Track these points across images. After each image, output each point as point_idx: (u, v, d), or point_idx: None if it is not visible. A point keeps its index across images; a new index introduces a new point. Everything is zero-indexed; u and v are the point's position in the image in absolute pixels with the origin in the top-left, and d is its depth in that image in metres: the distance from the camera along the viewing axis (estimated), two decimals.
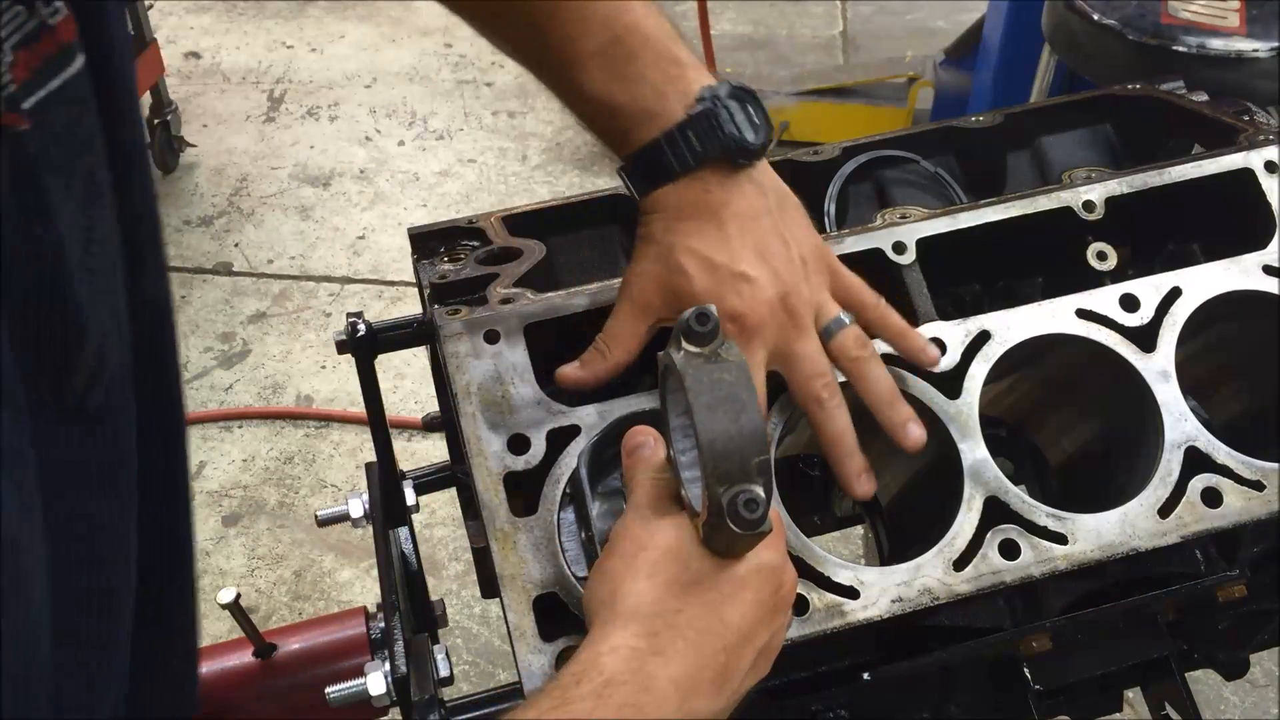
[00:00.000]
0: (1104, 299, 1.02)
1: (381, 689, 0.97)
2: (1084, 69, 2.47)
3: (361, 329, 1.05)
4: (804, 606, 0.89)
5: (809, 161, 1.21)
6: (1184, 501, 0.95)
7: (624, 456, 0.85)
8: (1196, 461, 0.97)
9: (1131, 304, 1.02)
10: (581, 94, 0.94)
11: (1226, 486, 0.96)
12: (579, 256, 1.17)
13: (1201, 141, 1.21)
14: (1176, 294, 1.02)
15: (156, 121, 3.69)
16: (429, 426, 1.24)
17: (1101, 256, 1.07)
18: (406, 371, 3.04)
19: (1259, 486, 0.96)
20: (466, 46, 4.41)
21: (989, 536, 0.93)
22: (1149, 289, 1.03)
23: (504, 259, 1.06)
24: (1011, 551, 0.92)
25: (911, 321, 1.00)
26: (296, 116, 4.11)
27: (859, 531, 1.63)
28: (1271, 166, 1.09)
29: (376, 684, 0.97)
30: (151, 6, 3.75)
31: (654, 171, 0.92)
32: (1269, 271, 1.04)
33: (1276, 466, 0.97)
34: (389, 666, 0.97)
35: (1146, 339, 1.00)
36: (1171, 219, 1.12)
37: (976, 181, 1.25)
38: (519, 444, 0.93)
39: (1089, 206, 1.07)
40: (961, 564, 0.92)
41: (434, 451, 2.82)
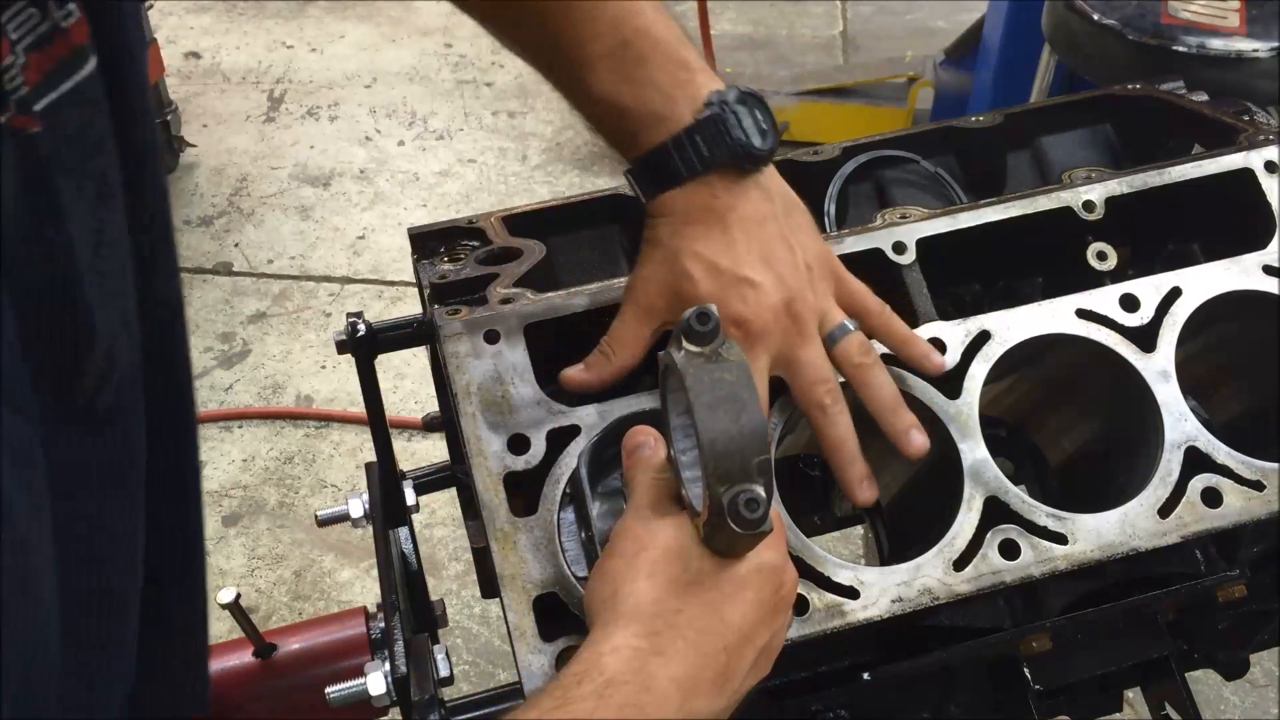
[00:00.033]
0: (1104, 299, 1.02)
1: (381, 689, 0.97)
2: (1084, 69, 2.47)
3: (361, 329, 1.05)
4: (804, 606, 0.89)
5: (809, 161, 1.21)
6: (1184, 501, 0.95)
7: (624, 456, 0.85)
8: (1196, 461, 0.97)
9: (1131, 304, 1.02)
10: (590, 96, 0.94)
11: (1226, 486, 0.96)
12: (579, 256, 1.17)
13: (1201, 141, 1.21)
14: (1176, 294, 1.02)
15: (156, 122, 3.69)
16: (429, 426, 1.24)
17: (1101, 256, 1.07)
18: (406, 371, 3.04)
19: (1259, 486, 0.96)
20: (466, 46, 4.41)
21: (989, 536, 0.93)
22: (1149, 289, 1.03)
23: (504, 259, 1.06)
24: (1011, 551, 0.92)
25: (911, 322, 1.00)
26: (296, 116, 4.11)
27: (859, 531, 1.63)
28: (1271, 166, 1.09)
29: (376, 684, 0.97)
30: (151, 6, 3.74)
31: (661, 175, 0.93)
32: (1269, 271, 1.04)
33: (1276, 466, 0.97)
34: (389, 666, 0.97)
35: (1146, 339, 1.01)
36: (1171, 219, 1.12)
37: (976, 181, 1.25)
38: (519, 444, 0.93)
39: (1089, 206, 1.07)
40: (961, 564, 0.92)
41: (434, 451, 2.82)
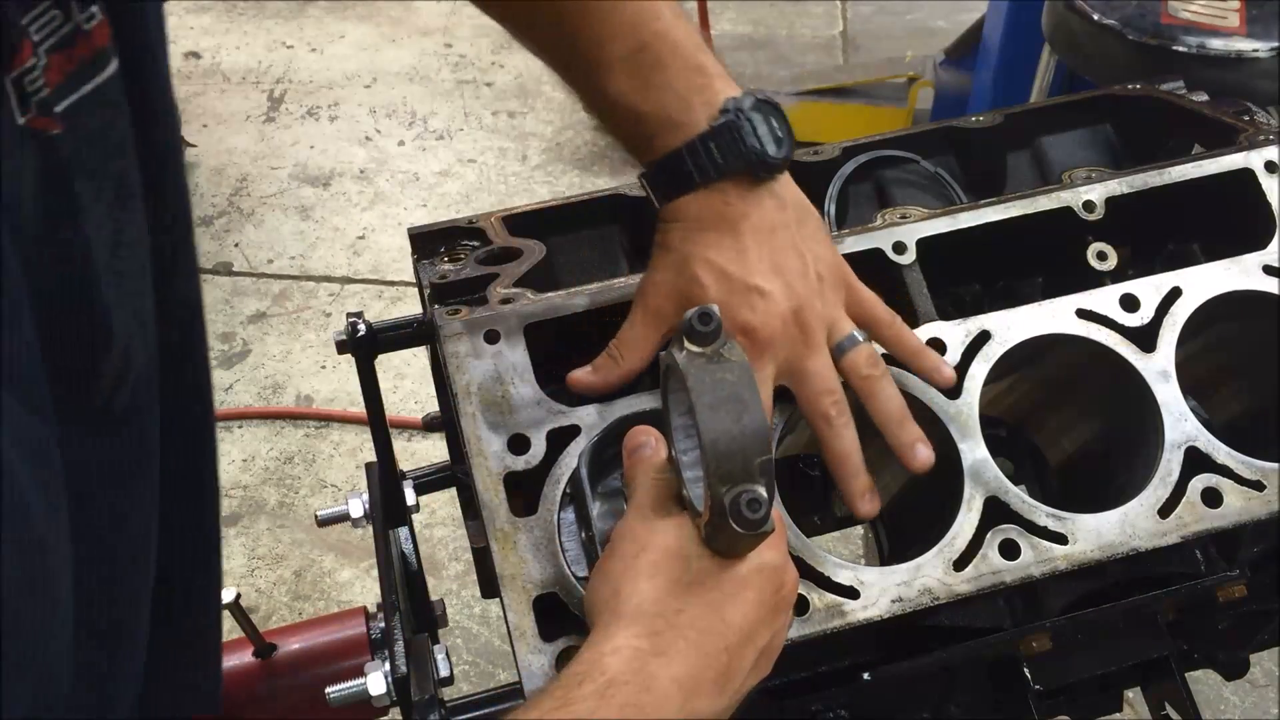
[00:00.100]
0: (1104, 299, 1.02)
1: (381, 689, 0.97)
2: (1084, 69, 2.47)
3: (361, 329, 1.05)
4: (804, 606, 0.89)
5: (809, 161, 1.21)
6: (1184, 501, 0.95)
7: (625, 456, 0.85)
8: (1196, 461, 0.97)
9: (1131, 304, 1.02)
10: (606, 98, 0.94)
11: (1226, 486, 0.96)
12: (579, 256, 1.17)
13: (1201, 141, 1.21)
14: (1176, 294, 1.02)
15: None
16: (429, 426, 1.24)
17: (1101, 256, 1.07)
18: (406, 371, 3.04)
19: (1259, 486, 0.96)
20: (466, 46, 4.41)
21: (989, 536, 0.93)
22: (1149, 289, 1.03)
23: (504, 259, 1.06)
24: (1011, 551, 0.92)
25: (911, 322, 1.00)
26: (296, 116, 4.11)
27: (859, 531, 1.63)
28: (1271, 166, 1.09)
29: (376, 684, 0.97)
30: None
31: (675, 180, 0.92)
32: (1269, 271, 1.04)
33: (1276, 466, 0.97)
34: (389, 666, 0.97)
35: (1146, 339, 1.01)
36: (1171, 219, 1.12)
37: (976, 181, 1.25)
38: (519, 444, 0.93)
39: (1089, 206, 1.07)
40: (961, 564, 0.92)
41: (434, 451, 2.81)
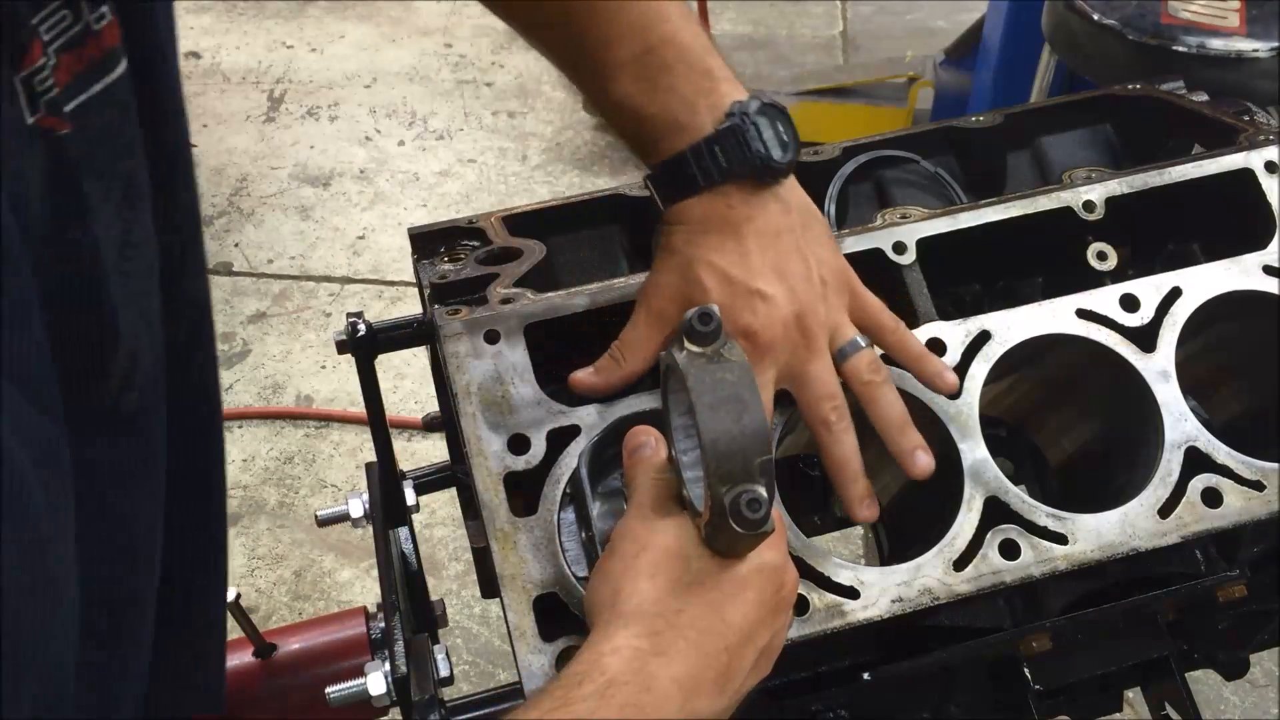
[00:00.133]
0: (1104, 299, 1.02)
1: (381, 689, 0.97)
2: (1084, 69, 2.47)
3: (361, 329, 1.05)
4: (804, 606, 0.89)
5: (809, 161, 1.21)
6: (1184, 501, 0.95)
7: (625, 456, 0.85)
8: (1196, 461, 0.97)
9: (1131, 304, 1.02)
10: (612, 99, 0.94)
11: (1226, 486, 0.96)
12: (579, 256, 1.17)
13: (1201, 141, 1.21)
14: (1176, 294, 1.02)
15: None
16: (429, 426, 1.24)
17: (1101, 256, 1.07)
18: (406, 371, 3.04)
19: (1259, 486, 0.96)
20: (466, 46, 4.41)
21: (989, 536, 0.93)
22: (1149, 289, 1.03)
23: (504, 259, 1.06)
24: (1011, 551, 0.92)
25: (911, 322, 1.00)
26: (296, 116, 4.11)
27: (859, 531, 1.63)
28: (1271, 166, 1.09)
29: (376, 684, 0.97)
30: None
31: (679, 183, 0.92)
32: (1269, 271, 1.04)
33: (1276, 466, 0.97)
34: (389, 666, 0.97)
35: (1146, 339, 1.01)
36: (1171, 219, 1.12)
37: (976, 181, 1.25)
38: (519, 444, 0.93)
39: (1089, 206, 1.07)
40: (961, 564, 0.92)
41: (434, 451, 2.81)
